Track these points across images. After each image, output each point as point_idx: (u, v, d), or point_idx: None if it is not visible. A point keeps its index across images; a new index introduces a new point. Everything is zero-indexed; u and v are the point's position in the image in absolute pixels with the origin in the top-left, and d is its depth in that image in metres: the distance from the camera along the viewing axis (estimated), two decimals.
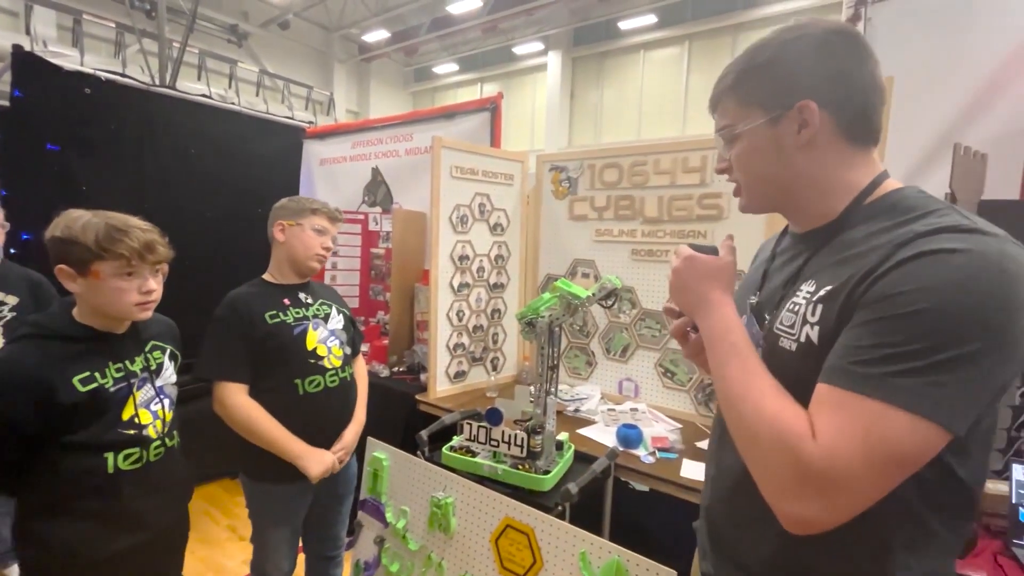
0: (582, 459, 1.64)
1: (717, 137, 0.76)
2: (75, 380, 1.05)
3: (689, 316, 0.76)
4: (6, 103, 2.51)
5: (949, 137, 1.56)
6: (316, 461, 1.48)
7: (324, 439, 1.56)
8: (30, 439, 1.02)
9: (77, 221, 1.05)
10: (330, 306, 1.63)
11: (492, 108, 2.75)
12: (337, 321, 1.62)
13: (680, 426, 1.96)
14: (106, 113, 2.63)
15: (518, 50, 11.79)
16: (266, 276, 1.57)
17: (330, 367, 1.55)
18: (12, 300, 1.81)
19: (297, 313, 1.52)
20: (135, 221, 1.11)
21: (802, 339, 0.65)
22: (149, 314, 1.17)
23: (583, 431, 1.92)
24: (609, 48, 10.88)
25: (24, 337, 1.06)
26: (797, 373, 0.63)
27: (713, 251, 0.76)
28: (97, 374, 1.09)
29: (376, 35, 11.58)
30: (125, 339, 1.18)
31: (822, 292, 0.64)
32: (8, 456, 1.02)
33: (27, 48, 7.31)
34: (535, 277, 2.55)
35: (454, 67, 12.98)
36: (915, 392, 0.52)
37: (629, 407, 2.06)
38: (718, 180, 2.00)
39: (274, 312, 1.48)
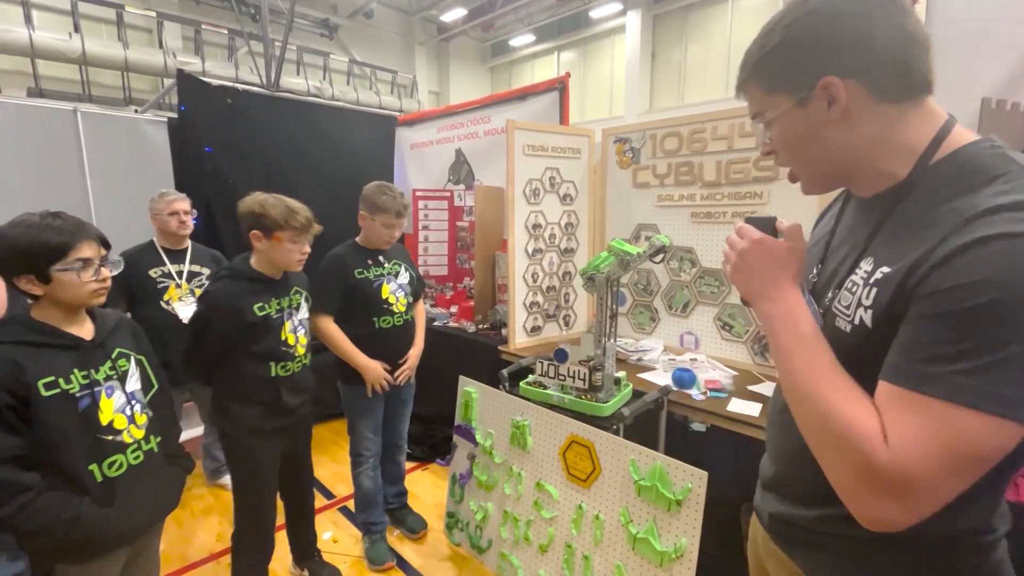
0: (639, 396, 1.91)
1: (754, 124, 0.73)
2: (255, 307, 1.56)
3: (750, 300, 0.72)
4: (173, 115, 3.15)
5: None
6: (372, 370, 2.01)
7: (390, 358, 2.09)
8: (229, 345, 1.56)
9: (266, 201, 1.56)
10: (400, 265, 2.13)
11: (561, 87, 2.97)
12: (404, 277, 2.13)
13: (736, 373, 2.14)
14: (242, 118, 3.19)
15: (595, 13, 11.55)
16: (359, 240, 2.09)
17: (396, 311, 2.08)
18: (206, 271, 2.44)
19: (377, 271, 2.04)
20: (300, 205, 1.61)
21: (856, 321, 0.64)
22: (301, 267, 1.68)
23: (643, 375, 2.17)
24: (693, 1, 10.35)
25: (225, 277, 1.59)
26: (852, 354, 0.62)
27: (771, 222, 0.74)
28: (267, 305, 1.60)
29: (453, 14, 11.91)
30: (281, 284, 1.67)
31: (878, 274, 0.61)
32: (214, 353, 1.57)
33: (160, 60, 8.32)
34: (602, 242, 2.79)
35: (530, 38, 13.01)
36: (984, 390, 0.50)
37: (689, 358, 2.28)
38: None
39: (361, 269, 2.01)
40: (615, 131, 2.67)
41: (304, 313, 1.77)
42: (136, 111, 3.80)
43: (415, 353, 2.18)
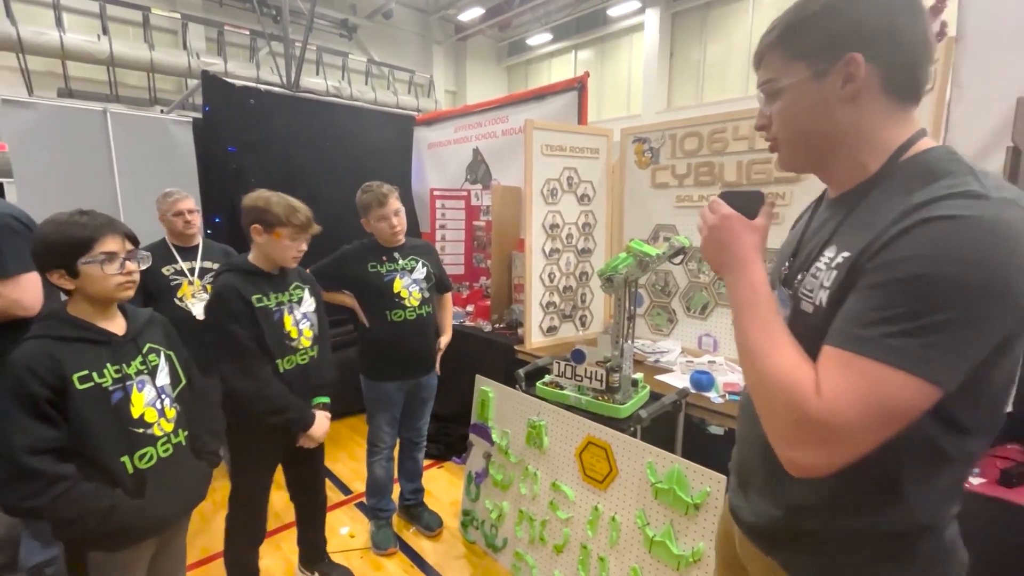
0: (656, 398, 1.90)
1: (759, 93, 0.76)
2: (253, 298, 1.58)
3: (717, 271, 0.78)
4: (198, 115, 3.22)
5: None
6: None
7: (404, 354, 2.11)
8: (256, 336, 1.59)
9: (270, 198, 1.59)
10: (417, 261, 2.14)
11: (579, 87, 2.96)
12: (420, 273, 2.14)
13: None
14: (264, 118, 3.24)
15: (613, 12, 11.48)
16: (379, 238, 2.11)
17: (409, 305, 2.09)
18: (215, 267, 2.45)
19: (390, 266, 2.08)
20: (302, 204, 1.63)
21: (818, 302, 0.69)
22: (295, 264, 1.70)
23: (660, 377, 2.16)
24: None
25: (228, 271, 1.62)
26: (813, 333, 0.66)
27: (756, 196, 0.77)
28: (265, 298, 1.61)
29: (471, 13, 11.94)
30: (278, 279, 1.68)
31: (839, 259, 0.67)
32: (251, 334, 1.58)
33: (184, 61, 8.49)
34: (620, 242, 2.78)
35: (547, 37, 12.98)
36: (907, 352, 0.56)
37: (707, 360, 2.26)
38: None
39: (374, 263, 2.07)
40: (634, 131, 2.66)
41: (308, 307, 1.77)
42: (162, 111, 3.89)
43: (444, 341, 2.24)
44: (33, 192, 2.77)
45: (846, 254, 0.66)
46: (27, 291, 1.71)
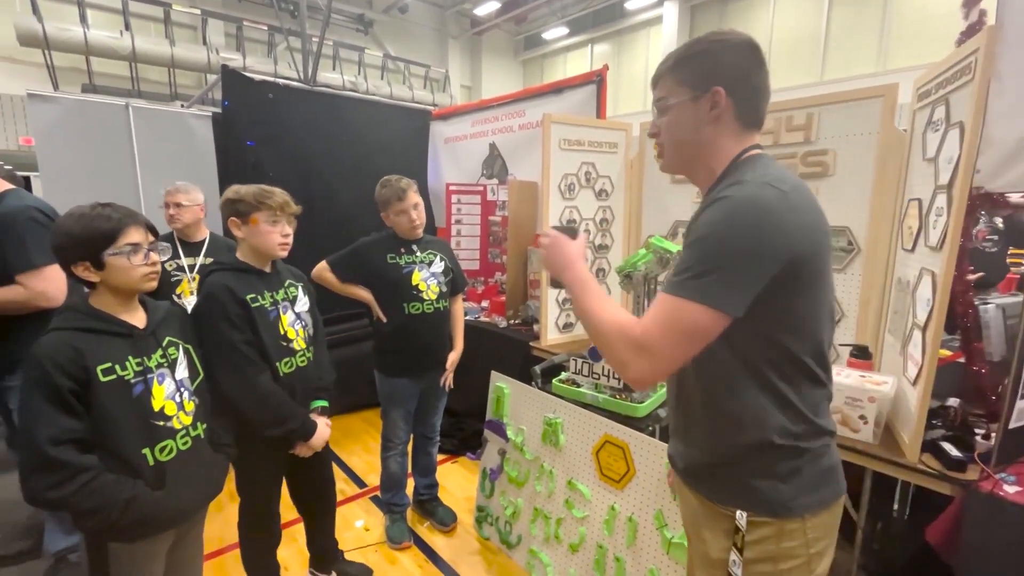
0: None
1: (654, 108, 0.99)
2: (247, 298, 1.49)
3: (557, 274, 1.01)
4: (218, 109, 3.24)
5: None
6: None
7: (419, 347, 2.09)
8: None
9: (239, 188, 1.53)
10: (435, 255, 2.13)
11: (598, 80, 2.92)
12: (438, 267, 2.13)
13: None
14: (282, 112, 3.25)
15: (630, 5, 11.34)
16: (398, 231, 2.09)
17: (427, 299, 2.07)
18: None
19: (408, 258, 2.06)
20: (277, 188, 1.56)
21: None
22: (285, 253, 1.59)
23: None
24: None
25: (218, 270, 1.53)
26: None
27: (574, 229, 1.05)
28: (260, 297, 1.52)
29: (487, 7, 11.89)
30: (272, 276, 1.60)
31: (686, 242, 0.89)
32: (247, 339, 1.48)
33: (204, 57, 8.58)
34: (637, 239, 2.74)
35: (564, 31, 12.88)
36: (696, 289, 0.79)
37: None
38: (825, 137, 2.03)
39: (393, 255, 2.05)
40: None
41: (303, 306, 1.67)
42: (182, 106, 3.92)
43: (454, 357, 2.20)
44: (57, 186, 2.81)
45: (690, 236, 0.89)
46: (52, 283, 1.73)
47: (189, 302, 2.32)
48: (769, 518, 0.89)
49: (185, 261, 2.32)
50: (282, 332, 1.57)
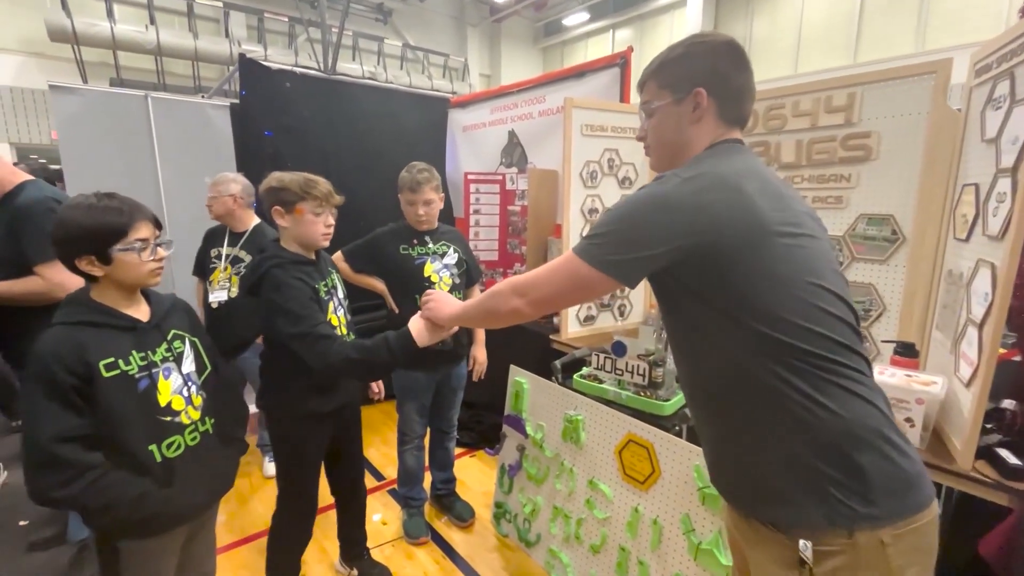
0: None
1: (640, 111, 1.02)
2: (318, 286, 1.51)
3: (443, 322, 1.26)
4: (235, 100, 3.22)
5: None
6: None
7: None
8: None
9: (283, 176, 1.50)
10: (448, 246, 2.09)
11: (622, 63, 2.80)
12: (451, 258, 2.09)
13: None
14: (300, 102, 3.21)
15: None
16: (407, 220, 2.07)
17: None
18: (248, 258, 2.38)
19: (421, 250, 2.04)
20: (319, 177, 1.54)
21: None
22: (327, 243, 1.58)
23: None
24: None
25: (275, 266, 1.48)
26: None
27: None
28: (320, 288, 1.52)
29: None
30: (320, 265, 1.60)
31: None
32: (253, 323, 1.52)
33: (227, 49, 8.66)
34: None
35: (584, 16, 12.60)
36: (593, 254, 0.86)
37: None
38: (869, 119, 1.89)
39: (405, 246, 2.04)
40: None
41: (342, 292, 1.70)
42: (202, 96, 3.93)
43: (480, 356, 2.24)
44: (80, 177, 2.83)
45: None
46: (70, 274, 1.73)
47: (212, 291, 2.34)
48: (831, 531, 0.78)
49: (225, 250, 2.38)
50: (327, 319, 1.53)
